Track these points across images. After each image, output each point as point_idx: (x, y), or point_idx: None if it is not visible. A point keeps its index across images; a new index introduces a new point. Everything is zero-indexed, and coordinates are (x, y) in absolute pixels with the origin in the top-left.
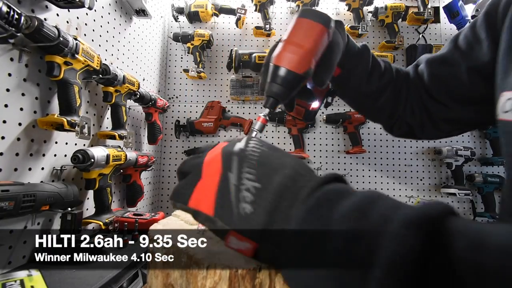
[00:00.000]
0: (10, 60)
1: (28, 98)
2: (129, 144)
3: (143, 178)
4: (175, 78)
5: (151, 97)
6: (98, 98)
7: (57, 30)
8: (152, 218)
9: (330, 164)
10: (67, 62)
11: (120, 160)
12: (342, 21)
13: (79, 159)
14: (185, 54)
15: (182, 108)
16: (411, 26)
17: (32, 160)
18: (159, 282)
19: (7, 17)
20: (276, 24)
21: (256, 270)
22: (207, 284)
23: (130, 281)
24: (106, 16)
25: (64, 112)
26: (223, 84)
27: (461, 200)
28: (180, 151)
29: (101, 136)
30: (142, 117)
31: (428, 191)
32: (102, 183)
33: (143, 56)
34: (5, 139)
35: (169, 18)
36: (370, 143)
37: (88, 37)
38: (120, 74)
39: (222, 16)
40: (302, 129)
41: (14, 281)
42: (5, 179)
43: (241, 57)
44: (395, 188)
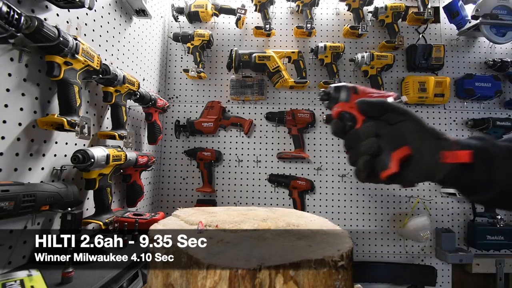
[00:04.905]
0: (10, 60)
1: (28, 98)
2: (129, 144)
3: (143, 178)
4: (175, 78)
5: (151, 97)
6: (98, 98)
7: (57, 30)
8: (152, 218)
9: (330, 164)
10: (67, 62)
11: (120, 160)
12: (342, 21)
13: (79, 159)
14: (185, 54)
15: (182, 108)
16: (411, 26)
17: (32, 160)
18: (159, 282)
19: (7, 17)
20: (276, 24)
21: (256, 270)
22: (207, 284)
23: (130, 281)
24: (106, 16)
25: (64, 112)
26: (223, 84)
27: (461, 200)
28: (180, 151)
29: (101, 136)
30: (142, 117)
31: (428, 191)
32: (102, 183)
33: (143, 56)
34: (5, 139)
35: (169, 18)
36: None
37: (88, 37)
38: (120, 74)
39: (222, 16)
40: (302, 129)
41: (14, 281)
42: (5, 179)
43: (241, 57)
44: (395, 188)
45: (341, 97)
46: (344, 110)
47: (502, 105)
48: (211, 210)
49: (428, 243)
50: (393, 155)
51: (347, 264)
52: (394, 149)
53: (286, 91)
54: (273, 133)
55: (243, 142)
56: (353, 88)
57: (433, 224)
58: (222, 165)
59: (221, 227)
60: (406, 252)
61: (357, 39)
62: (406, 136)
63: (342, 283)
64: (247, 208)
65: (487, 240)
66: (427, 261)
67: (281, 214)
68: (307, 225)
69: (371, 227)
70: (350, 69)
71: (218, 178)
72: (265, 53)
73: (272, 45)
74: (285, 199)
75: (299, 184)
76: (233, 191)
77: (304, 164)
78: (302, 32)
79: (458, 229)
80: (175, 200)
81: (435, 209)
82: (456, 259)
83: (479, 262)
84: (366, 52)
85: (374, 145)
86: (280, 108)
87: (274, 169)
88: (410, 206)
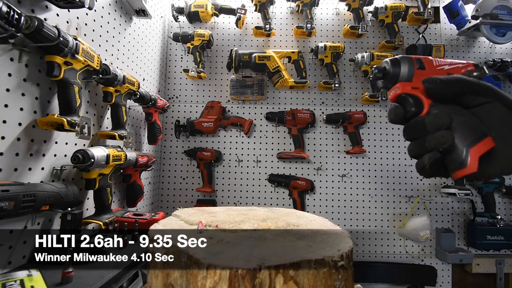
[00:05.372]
0: (10, 60)
1: (28, 98)
2: (129, 144)
3: (143, 178)
4: (175, 78)
5: (151, 97)
6: (98, 98)
7: (57, 30)
8: (152, 218)
9: (330, 164)
10: (67, 62)
11: (120, 160)
12: (342, 21)
13: (79, 159)
14: (185, 54)
15: (182, 108)
16: (411, 26)
17: (32, 160)
18: (159, 282)
19: (7, 17)
20: (276, 24)
21: (256, 270)
22: (207, 284)
23: (130, 281)
24: (106, 16)
25: (64, 112)
26: (223, 84)
27: (461, 200)
28: (180, 151)
29: (101, 136)
30: (142, 117)
31: (428, 191)
32: (102, 183)
33: (143, 56)
34: (5, 139)
35: (169, 18)
36: (370, 143)
37: (88, 37)
38: (120, 74)
39: (222, 16)
40: (302, 129)
41: (14, 281)
42: (5, 179)
43: (241, 57)
44: (395, 188)
45: (402, 74)
46: (405, 92)
47: None
48: (211, 210)
49: (428, 243)
50: (472, 150)
51: (347, 264)
52: (474, 143)
53: (286, 91)
54: (273, 133)
55: (243, 142)
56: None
57: (433, 224)
58: (222, 165)
59: (221, 227)
60: (406, 252)
61: (357, 39)
62: (489, 123)
63: (342, 283)
64: (247, 208)
65: (487, 240)
66: (427, 261)
67: (281, 214)
68: (307, 225)
69: (371, 227)
70: (350, 69)
71: (218, 178)
72: (265, 53)
73: (272, 45)
74: (285, 199)
75: (299, 184)
76: (233, 191)
77: (304, 164)
78: (302, 32)
79: (458, 229)
80: (175, 200)
81: (435, 209)
82: (456, 259)
83: (479, 262)
84: (366, 52)
85: (447, 140)
86: (280, 108)
87: (274, 169)
88: (410, 206)
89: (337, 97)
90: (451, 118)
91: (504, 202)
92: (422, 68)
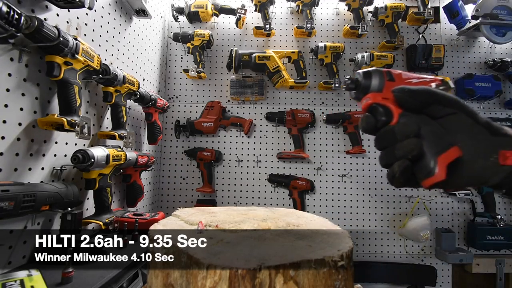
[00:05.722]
0: (10, 60)
1: (28, 98)
2: (129, 144)
3: (143, 178)
4: (175, 78)
5: (151, 97)
6: (98, 98)
7: (57, 30)
8: (152, 218)
9: (330, 164)
10: (67, 62)
11: (120, 160)
12: (342, 21)
13: (79, 159)
14: (185, 54)
15: (182, 108)
16: (411, 26)
17: (32, 160)
18: (159, 282)
19: (7, 17)
20: (276, 24)
21: (256, 270)
22: (207, 284)
23: (130, 281)
24: (106, 16)
25: (64, 112)
26: (223, 84)
27: (461, 200)
28: (180, 151)
29: (101, 136)
30: (142, 117)
31: (428, 191)
32: (102, 183)
33: (143, 56)
34: (5, 139)
35: (169, 18)
36: (370, 143)
37: (88, 37)
38: (120, 74)
39: (222, 16)
40: (302, 129)
41: (14, 281)
42: (5, 179)
43: (241, 57)
44: (395, 189)
45: (372, 85)
46: (376, 102)
47: (502, 105)
48: (211, 210)
49: (428, 243)
50: (439, 158)
51: (347, 264)
52: (441, 151)
53: (286, 91)
54: (273, 133)
55: (243, 142)
56: (387, 73)
57: (433, 224)
58: (222, 165)
59: (221, 227)
60: (406, 252)
61: (357, 39)
62: (456, 134)
63: (342, 283)
64: (247, 208)
65: (487, 240)
66: (427, 261)
67: (281, 214)
68: (307, 225)
69: (371, 227)
70: (350, 69)
71: (218, 178)
72: (265, 53)
73: (272, 45)
74: (285, 199)
75: (299, 184)
76: (233, 191)
77: (304, 164)
78: (302, 32)
79: (458, 229)
80: (175, 200)
81: (435, 209)
82: (456, 259)
83: (479, 262)
84: (366, 52)
85: (415, 147)
86: (280, 108)
87: (274, 169)
88: (410, 206)
89: (337, 97)
90: (419, 126)
91: (504, 202)
92: (392, 80)
